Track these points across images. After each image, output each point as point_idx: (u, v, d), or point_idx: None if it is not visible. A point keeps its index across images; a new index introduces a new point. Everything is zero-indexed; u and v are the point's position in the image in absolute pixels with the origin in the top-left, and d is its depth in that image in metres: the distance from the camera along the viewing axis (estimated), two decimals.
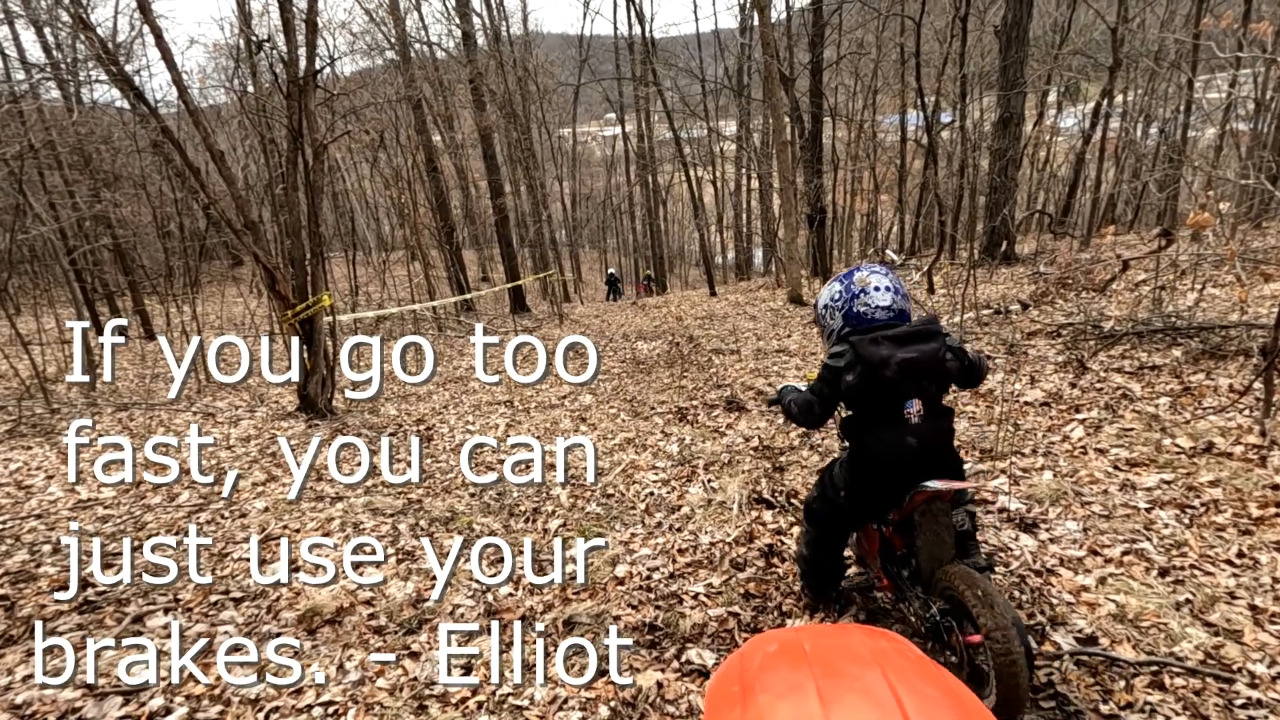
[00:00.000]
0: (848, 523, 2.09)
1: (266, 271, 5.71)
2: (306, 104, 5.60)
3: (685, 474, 3.59)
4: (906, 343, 1.80)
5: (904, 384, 1.81)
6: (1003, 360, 5.12)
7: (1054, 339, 5.57)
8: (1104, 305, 7.17)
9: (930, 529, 1.84)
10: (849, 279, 1.95)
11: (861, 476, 1.95)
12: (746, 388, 5.58)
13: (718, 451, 3.87)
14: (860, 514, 2.04)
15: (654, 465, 3.78)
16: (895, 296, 1.91)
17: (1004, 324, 6.63)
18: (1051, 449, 3.38)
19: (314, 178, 5.84)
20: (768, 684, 0.90)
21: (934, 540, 1.84)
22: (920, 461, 1.84)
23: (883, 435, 1.86)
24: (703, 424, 4.58)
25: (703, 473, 3.56)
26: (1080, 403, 3.93)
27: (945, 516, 1.85)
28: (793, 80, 12.68)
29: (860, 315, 1.89)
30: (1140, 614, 2.04)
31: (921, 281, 11.01)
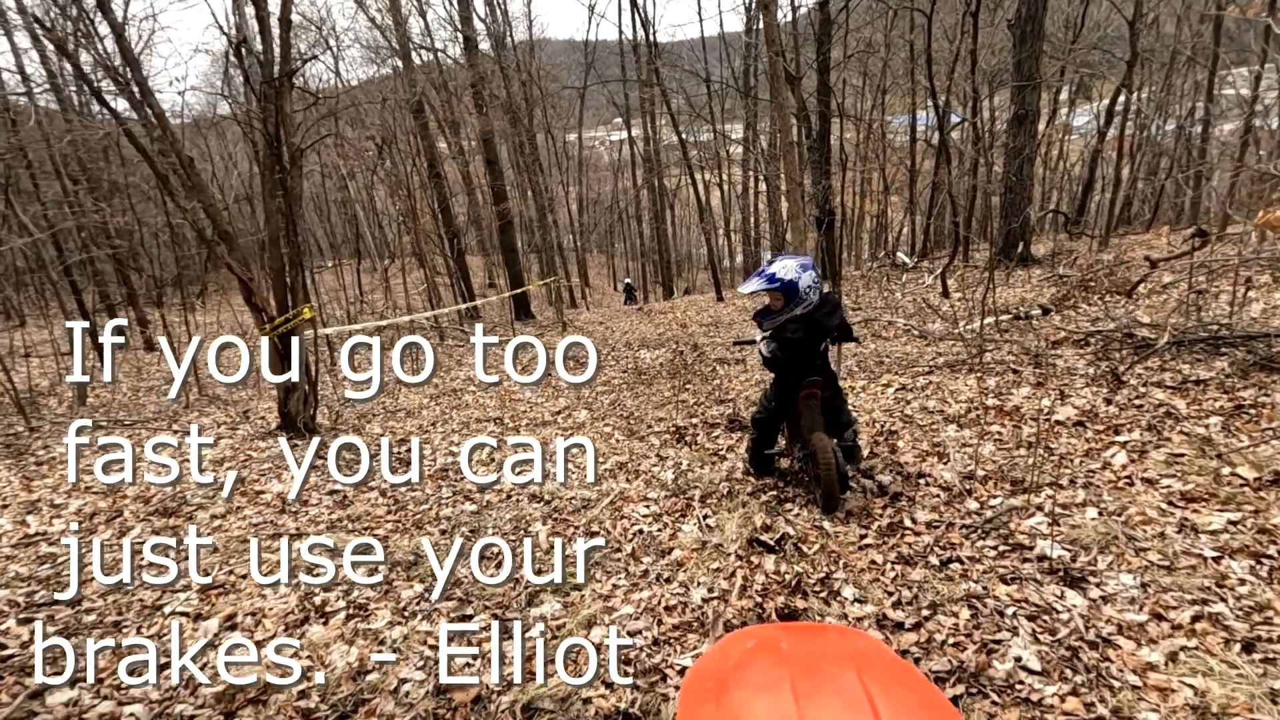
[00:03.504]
0: (776, 420, 3.38)
1: (241, 283, 5.41)
2: (282, 105, 5.30)
3: (680, 507, 3.22)
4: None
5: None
6: (1029, 372, 4.72)
7: (1082, 348, 5.16)
8: (1132, 310, 6.74)
9: (806, 413, 3.08)
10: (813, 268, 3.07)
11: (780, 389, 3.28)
12: (751, 403, 5.21)
13: (716, 481, 3.50)
14: (781, 413, 3.33)
15: (645, 496, 3.42)
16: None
17: (1025, 330, 6.21)
18: (1092, 479, 2.99)
19: (292, 184, 5.53)
20: (743, 680, 0.91)
21: (808, 418, 3.07)
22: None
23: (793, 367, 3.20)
24: (702, 446, 4.21)
25: (698, 506, 3.19)
26: (1119, 422, 3.53)
27: (817, 405, 3.08)
28: (799, 79, 12.32)
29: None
30: (1227, 706, 1.65)
31: (935, 284, 10.59)
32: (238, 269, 5.27)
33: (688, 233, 33.89)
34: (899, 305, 9.44)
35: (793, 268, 2.98)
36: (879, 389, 5.00)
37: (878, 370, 5.64)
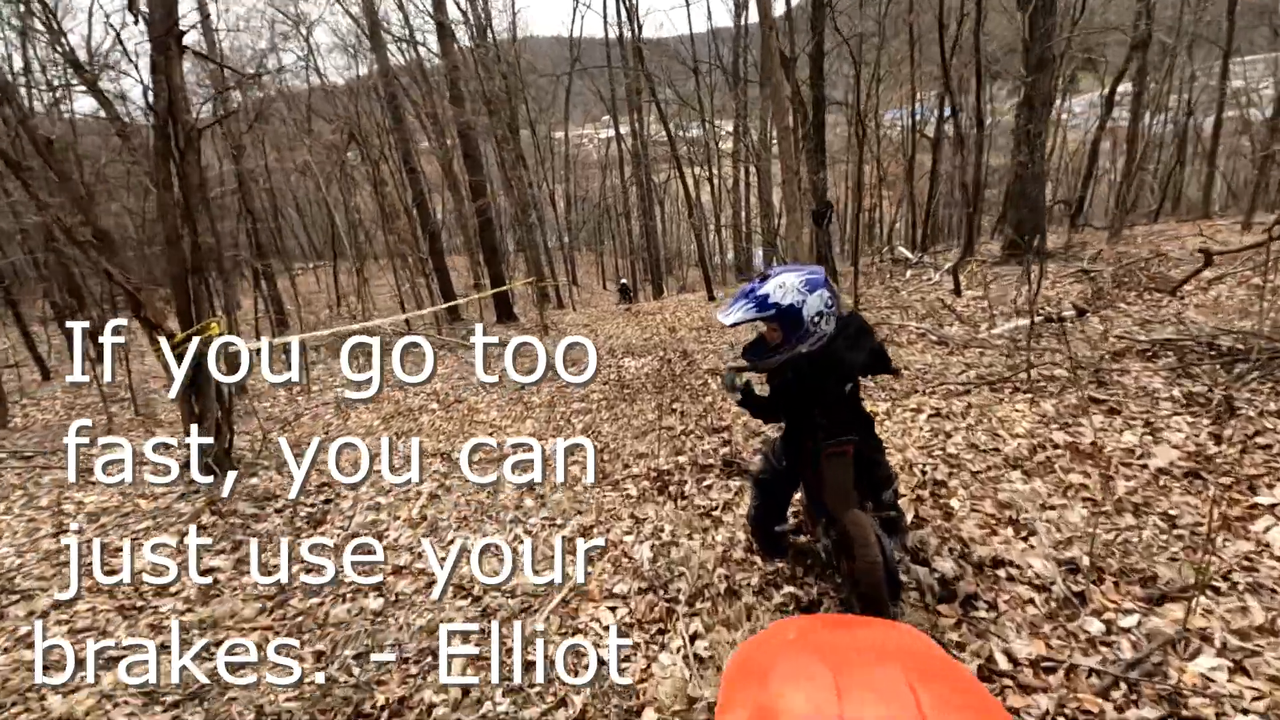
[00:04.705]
0: (787, 486, 2.43)
1: (128, 294, 4.42)
2: (171, 74, 4.31)
3: (657, 615, 2.28)
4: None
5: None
6: (1093, 393, 3.79)
7: (1151, 361, 4.25)
8: (1181, 311, 5.86)
9: (834, 480, 2.17)
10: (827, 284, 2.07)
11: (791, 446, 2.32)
12: (752, 433, 4.27)
13: (710, 565, 2.55)
14: (795, 477, 2.38)
15: (611, 592, 2.46)
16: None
17: (1067, 336, 5.30)
18: (1255, 570, 2.07)
19: (189, 171, 4.55)
20: (784, 671, 0.87)
21: (837, 490, 2.17)
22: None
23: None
24: (690, 501, 3.26)
25: (684, 613, 2.25)
26: (1257, 474, 2.61)
27: (847, 469, 2.17)
28: (794, 59, 11.40)
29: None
30: None
31: (942, 281, 9.70)
32: (118, 276, 4.28)
33: (679, 229, 32.99)
34: (907, 305, 8.54)
35: (794, 286, 1.98)
36: (907, 415, 4.07)
37: (899, 388, 4.72)
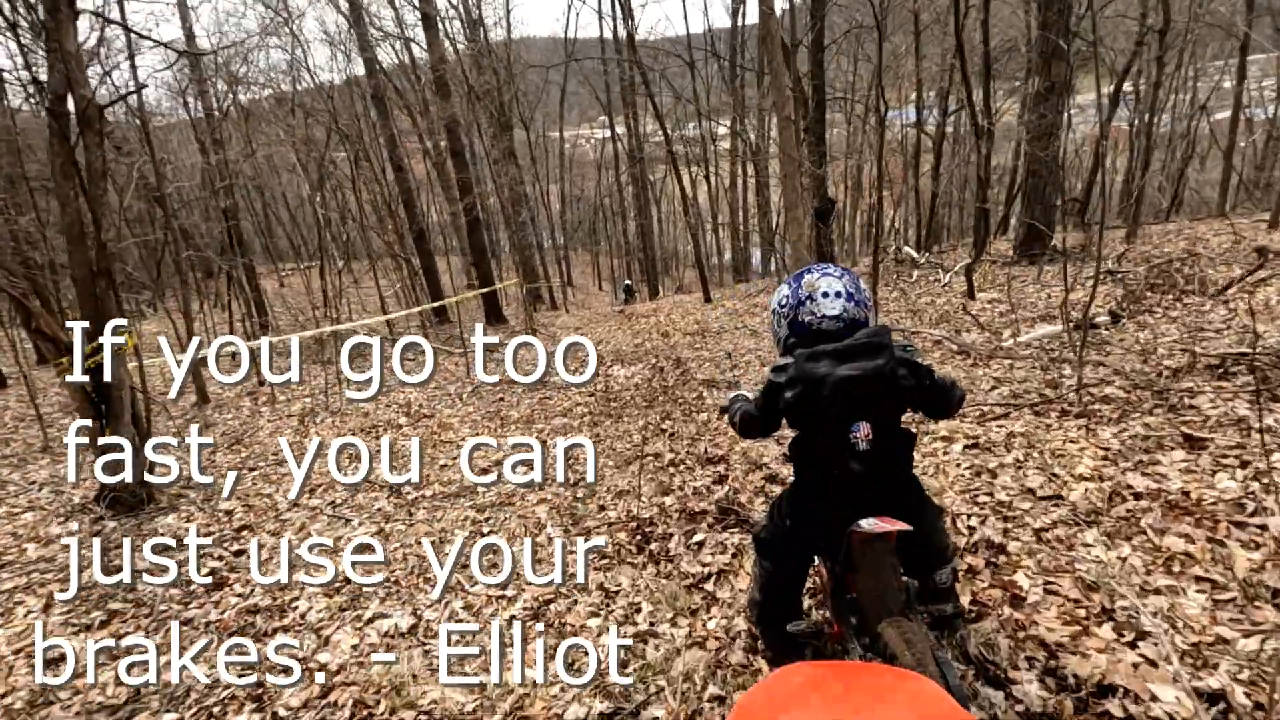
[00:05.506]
0: (798, 556, 1.79)
1: (15, 302, 3.75)
2: (64, 40, 3.64)
3: None
4: (848, 358, 1.48)
5: (844, 405, 1.48)
6: (1161, 419, 3.13)
7: (1225, 379, 3.59)
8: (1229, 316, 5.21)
9: (870, 575, 1.48)
10: (798, 282, 1.62)
11: (801, 505, 1.68)
12: (753, 464, 3.60)
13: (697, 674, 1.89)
14: (806, 547, 1.73)
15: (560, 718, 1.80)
16: (847, 304, 1.56)
17: (1106, 346, 4.65)
18: None
19: (91, 157, 3.88)
20: (790, 717, 0.85)
21: (874, 587, 1.47)
22: (863, 492, 1.51)
23: (822, 460, 1.55)
24: (676, 564, 2.60)
25: None
26: None
27: (888, 559, 1.48)
28: (795, 47, 10.77)
29: (805, 325, 1.58)
30: None
31: (953, 283, 9.05)
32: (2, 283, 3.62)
33: (675, 229, 32.36)
34: (917, 308, 7.89)
35: (782, 287, 1.68)
36: (938, 445, 3.41)
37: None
